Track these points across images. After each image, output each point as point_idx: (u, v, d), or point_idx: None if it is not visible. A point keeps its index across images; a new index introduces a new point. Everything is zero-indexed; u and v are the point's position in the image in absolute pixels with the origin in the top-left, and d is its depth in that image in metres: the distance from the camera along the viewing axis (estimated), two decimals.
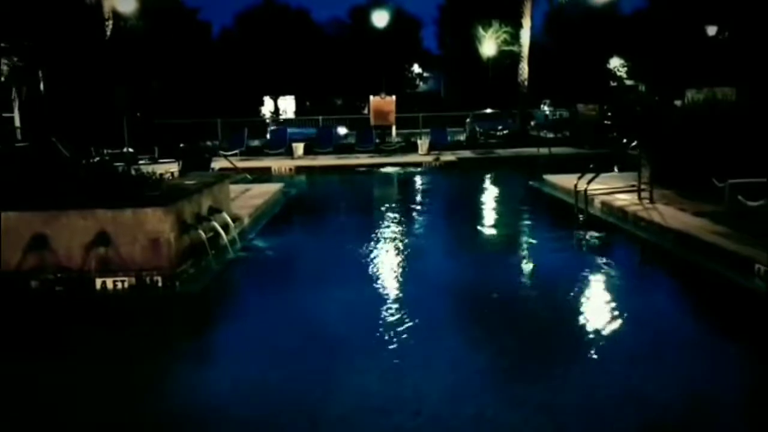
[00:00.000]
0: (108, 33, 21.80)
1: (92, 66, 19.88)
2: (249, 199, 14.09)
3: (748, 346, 6.19)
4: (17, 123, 20.47)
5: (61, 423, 4.97)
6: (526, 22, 31.49)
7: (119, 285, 8.05)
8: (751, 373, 5.70)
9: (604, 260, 9.56)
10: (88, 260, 8.04)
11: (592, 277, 8.62)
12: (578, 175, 12.50)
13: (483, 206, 15.76)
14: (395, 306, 7.44)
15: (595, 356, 5.99)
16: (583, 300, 7.67)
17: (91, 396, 5.41)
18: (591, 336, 6.47)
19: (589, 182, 12.05)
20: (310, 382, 5.50)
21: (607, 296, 7.88)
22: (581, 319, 6.96)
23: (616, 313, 7.08)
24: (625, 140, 14.33)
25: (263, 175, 20.69)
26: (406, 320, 6.88)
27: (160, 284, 8.11)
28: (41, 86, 20.14)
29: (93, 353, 6.32)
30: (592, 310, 7.31)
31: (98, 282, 8.02)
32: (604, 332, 6.52)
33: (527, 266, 9.65)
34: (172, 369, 5.97)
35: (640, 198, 12.20)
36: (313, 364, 5.93)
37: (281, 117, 31.08)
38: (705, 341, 6.45)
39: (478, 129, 30.43)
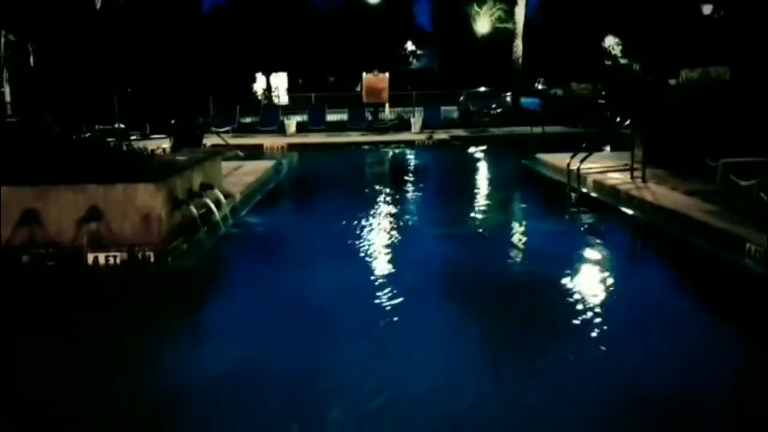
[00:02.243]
0: (98, 7, 21.51)
1: (82, 40, 19.65)
2: (241, 176, 14.02)
3: (738, 324, 6.24)
4: (8, 98, 20.27)
5: (49, 397, 4.97)
6: None
7: (111, 260, 8.01)
8: (740, 350, 5.76)
9: (596, 239, 9.60)
10: (80, 235, 8.00)
11: (583, 256, 8.66)
12: (571, 154, 12.50)
13: (475, 185, 15.76)
14: (386, 281, 7.46)
15: (582, 332, 6.03)
16: (573, 277, 7.70)
17: (81, 371, 5.42)
18: (579, 313, 6.51)
19: (581, 161, 12.05)
20: (301, 359, 5.52)
21: (598, 274, 7.92)
22: (571, 296, 7.00)
23: (607, 290, 7.12)
24: (618, 119, 14.32)
25: (255, 152, 20.59)
26: (397, 296, 6.91)
27: (152, 260, 8.07)
28: (31, 61, 19.92)
29: (83, 327, 6.32)
30: (583, 287, 7.34)
31: (90, 257, 7.98)
32: (593, 309, 6.56)
33: (518, 244, 9.68)
34: (164, 344, 5.97)
35: (632, 177, 12.21)
36: (304, 340, 5.94)
37: (274, 94, 30.85)
38: (695, 318, 6.50)
39: (471, 107, 30.31)
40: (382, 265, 8.31)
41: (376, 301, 6.81)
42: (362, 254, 8.78)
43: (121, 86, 22.53)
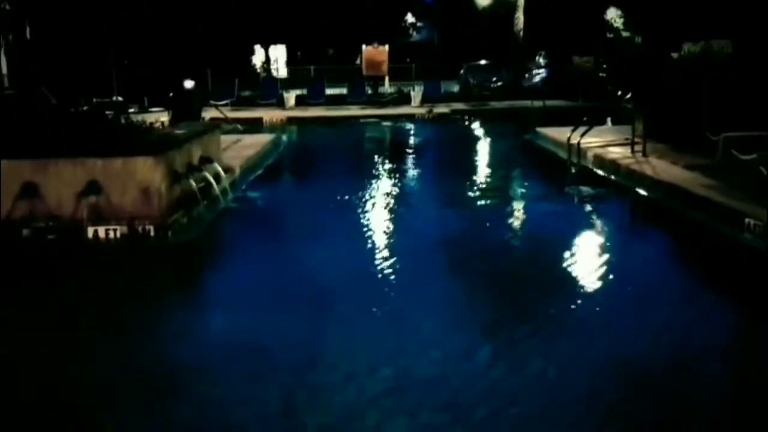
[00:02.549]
0: None
1: (79, 11, 19.45)
2: (241, 149, 13.98)
3: (737, 299, 6.27)
4: (4, 71, 20.10)
5: (48, 368, 5.01)
6: None
7: (111, 234, 8.03)
8: (738, 323, 5.80)
9: (596, 213, 9.61)
10: (80, 209, 8.00)
11: (582, 230, 8.68)
12: (572, 128, 12.46)
13: (475, 159, 15.74)
14: (385, 254, 7.49)
15: (581, 306, 6.06)
16: (572, 251, 7.72)
17: (82, 341, 5.46)
18: (575, 285, 6.55)
19: (582, 135, 12.01)
20: (299, 331, 5.56)
21: (597, 248, 7.94)
22: (569, 269, 7.03)
23: (605, 264, 7.14)
24: (619, 93, 14.25)
25: (255, 126, 20.50)
26: (396, 269, 6.94)
27: (152, 233, 8.09)
28: (27, 33, 19.74)
29: (84, 299, 6.35)
30: (581, 261, 7.37)
31: (90, 231, 7.99)
32: (591, 282, 6.60)
33: (517, 218, 9.69)
34: (163, 317, 6.00)
35: (633, 151, 12.18)
36: (303, 313, 5.97)
37: (273, 67, 30.61)
38: (693, 292, 6.52)
39: (471, 81, 30.11)
40: (379, 238, 8.33)
41: (374, 272, 6.84)
42: (361, 228, 8.80)
43: (119, 59, 22.38)
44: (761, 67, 12.07)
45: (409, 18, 59.26)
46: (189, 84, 25.76)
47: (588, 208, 9.95)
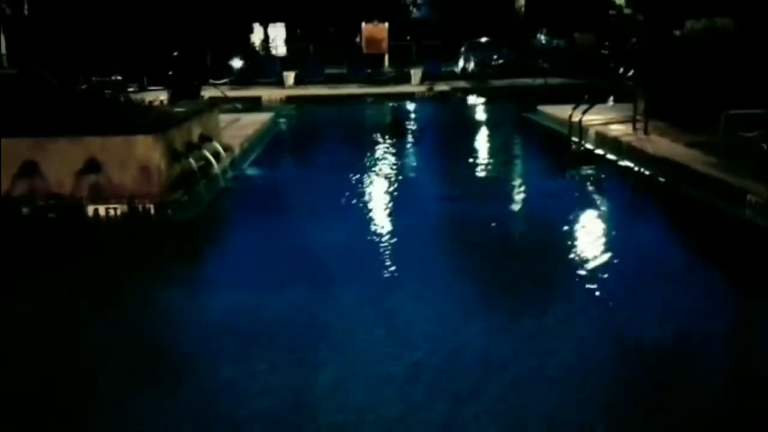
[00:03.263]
0: None
1: None
2: (240, 128, 13.92)
3: (738, 275, 6.27)
4: (3, 49, 19.96)
5: (50, 340, 5.04)
6: None
7: (111, 212, 8.02)
8: (738, 299, 5.81)
9: (597, 190, 9.59)
10: (79, 187, 7.98)
11: (583, 207, 8.67)
12: (573, 105, 12.39)
13: (476, 137, 15.67)
14: (384, 233, 7.49)
15: (581, 283, 6.07)
16: (574, 228, 7.72)
17: (83, 315, 5.49)
18: (575, 261, 6.55)
19: (583, 113, 11.96)
20: (297, 308, 5.58)
21: (599, 225, 7.95)
22: (570, 246, 7.03)
23: (606, 241, 7.15)
24: (621, 71, 14.16)
25: (254, 105, 20.40)
26: (395, 248, 6.95)
27: (152, 212, 8.08)
28: (25, 10, 19.57)
29: (83, 277, 6.37)
30: (582, 237, 7.38)
31: (90, 209, 7.98)
32: (591, 258, 6.60)
33: (518, 196, 9.67)
34: (163, 294, 6.01)
35: (634, 129, 12.12)
36: (300, 291, 5.98)
37: (271, 46, 30.36)
38: (694, 269, 6.53)
39: (472, 58, 29.89)
40: (378, 217, 8.32)
41: (373, 250, 6.85)
42: (360, 207, 8.79)
43: (118, 37, 22.19)
44: (764, 45, 11.97)
45: None
46: (237, 64, 25.72)
47: (589, 185, 9.93)
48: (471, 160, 12.32)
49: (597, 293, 5.81)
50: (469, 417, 3.98)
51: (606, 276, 6.21)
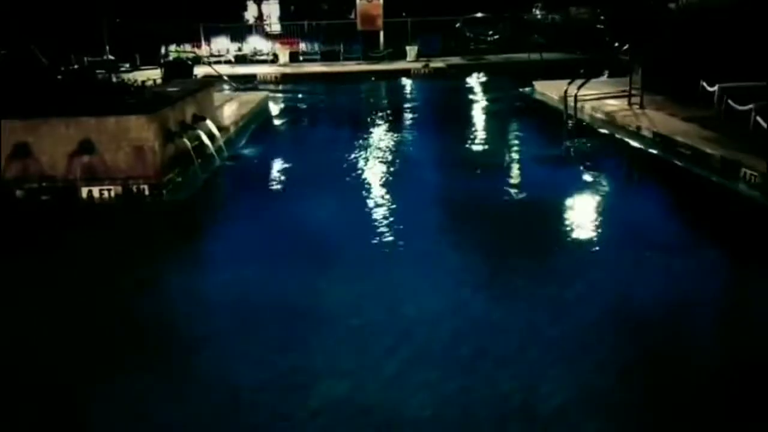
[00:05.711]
0: None
1: None
2: (234, 107, 13.86)
3: (732, 247, 6.29)
4: None
5: (46, 323, 5.06)
6: None
7: (105, 194, 8.01)
8: (733, 271, 5.85)
9: (591, 165, 9.56)
10: (73, 169, 7.96)
11: (578, 182, 8.67)
12: (568, 81, 12.33)
13: (471, 113, 15.58)
14: (379, 211, 7.49)
15: (577, 257, 6.10)
16: (567, 202, 7.74)
17: (79, 297, 5.51)
18: (568, 234, 6.58)
19: (579, 88, 11.90)
20: (294, 286, 5.60)
21: (593, 199, 7.95)
22: (565, 222, 7.05)
23: (601, 216, 7.16)
24: (617, 45, 14.07)
25: (248, 82, 20.26)
26: (391, 226, 6.96)
27: (146, 192, 8.07)
28: None
29: (79, 258, 6.37)
30: (576, 211, 7.40)
31: (84, 191, 7.97)
32: (585, 231, 6.63)
33: (513, 171, 9.66)
34: (158, 274, 6.03)
35: (630, 103, 12.10)
36: (297, 269, 6.00)
37: (265, 23, 30.08)
38: (690, 242, 6.54)
39: (468, 34, 29.66)
40: (373, 195, 8.31)
41: (368, 229, 6.86)
42: (355, 185, 8.78)
43: (110, 16, 21.96)
44: (759, 18, 11.89)
45: None
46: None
47: (585, 161, 9.90)
48: (467, 136, 12.25)
49: (592, 266, 5.86)
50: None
51: (595, 246, 6.25)
